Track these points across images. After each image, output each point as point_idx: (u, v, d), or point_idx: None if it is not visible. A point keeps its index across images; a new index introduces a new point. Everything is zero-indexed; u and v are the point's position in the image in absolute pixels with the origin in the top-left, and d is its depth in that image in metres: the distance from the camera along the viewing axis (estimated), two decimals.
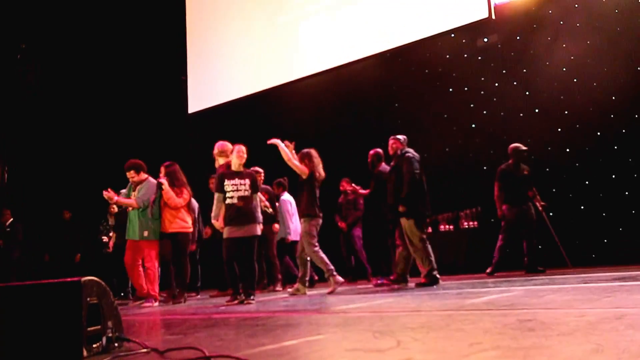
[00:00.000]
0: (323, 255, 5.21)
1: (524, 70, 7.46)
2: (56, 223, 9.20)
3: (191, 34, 10.42)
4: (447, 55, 8.17)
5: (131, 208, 5.65)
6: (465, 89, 7.98)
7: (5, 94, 10.53)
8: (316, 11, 8.58)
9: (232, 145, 5.11)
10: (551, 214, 6.42)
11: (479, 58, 7.95)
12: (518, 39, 7.62)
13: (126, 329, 2.22)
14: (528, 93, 7.39)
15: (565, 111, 7.06)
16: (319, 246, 5.28)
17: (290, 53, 8.81)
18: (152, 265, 5.57)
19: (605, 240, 6.57)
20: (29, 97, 10.81)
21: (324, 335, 2.15)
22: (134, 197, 5.62)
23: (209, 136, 6.34)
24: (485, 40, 7.88)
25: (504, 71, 7.66)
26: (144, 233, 5.54)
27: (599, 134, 6.83)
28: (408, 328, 2.09)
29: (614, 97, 6.70)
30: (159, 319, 3.79)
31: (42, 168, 10.48)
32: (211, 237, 6.66)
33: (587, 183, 6.85)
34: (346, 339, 1.99)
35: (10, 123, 10.60)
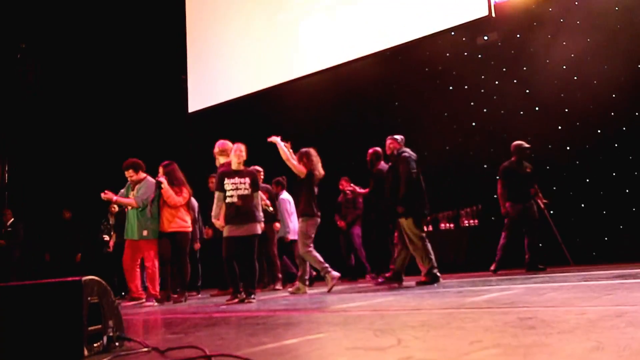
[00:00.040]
0: (316, 254, 5.20)
1: (524, 68, 7.46)
2: (56, 223, 9.20)
3: (191, 33, 10.41)
4: (447, 54, 8.17)
5: (130, 207, 5.64)
6: (465, 87, 7.98)
7: (5, 93, 10.53)
8: (316, 10, 8.57)
9: (233, 144, 5.11)
10: (552, 212, 6.41)
11: (479, 56, 7.95)
12: (518, 37, 7.62)
13: (127, 328, 2.22)
14: (528, 91, 7.39)
15: (566, 109, 7.05)
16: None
17: (290, 52, 8.80)
18: (152, 264, 5.56)
19: (606, 238, 6.58)
20: (29, 97, 10.81)
21: (324, 333, 2.15)
22: (133, 197, 5.61)
23: (209, 135, 6.33)
24: (485, 38, 7.88)
25: (504, 69, 7.66)
26: (143, 232, 5.52)
27: (599, 131, 6.82)
28: (408, 326, 2.09)
29: (614, 95, 6.69)
30: (159, 318, 3.79)
31: (43, 168, 10.48)
32: (212, 236, 6.67)
33: (588, 181, 6.85)
34: (347, 338, 1.99)
35: (10, 123, 10.60)
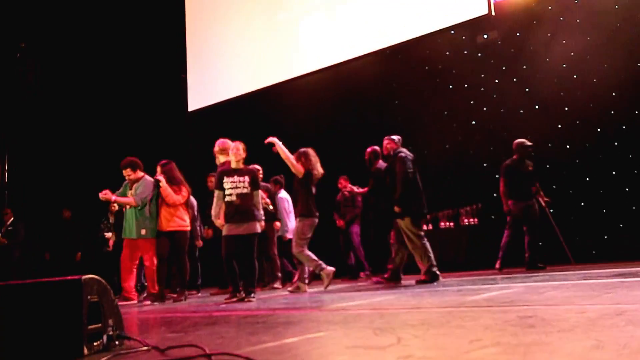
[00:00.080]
0: (309, 253, 5.19)
1: (524, 67, 7.45)
2: (56, 222, 9.20)
3: (191, 32, 10.41)
4: (447, 52, 8.16)
5: (129, 206, 5.62)
6: (465, 86, 7.97)
7: (5, 93, 10.53)
8: (315, 8, 8.56)
9: (233, 142, 5.09)
10: (552, 211, 6.41)
11: (479, 55, 7.94)
12: (518, 35, 7.61)
13: (127, 327, 2.22)
14: (528, 90, 7.38)
15: (566, 107, 7.05)
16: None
17: (290, 51, 8.80)
18: (152, 263, 5.55)
19: (606, 236, 6.58)
20: (29, 97, 10.80)
21: (324, 332, 2.15)
22: (131, 196, 5.58)
23: (209, 134, 6.34)
24: (485, 36, 7.88)
25: (503, 68, 7.66)
26: (141, 231, 5.50)
27: (599, 130, 6.82)
28: (408, 325, 2.09)
29: (614, 94, 6.69)
30: (159, 316, 3.79)
31: (42, 167, 10.48)
32: (212, 236, 6.67)
33: (588, 179, 6.85)
34: (346, 336, 1.99)
35: (10, 122, 10.60)
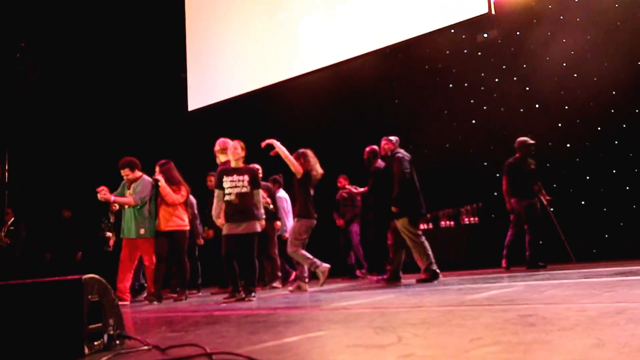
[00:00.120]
0: (303, 252, 5.18)
1: (524, 66, 7.45)
2: (56, 222, 9.20)
3: (191, 31, 10.40)
4: (447, 51, 8.16)
5: (128, 206, 5.59)
6: (465, 85, 7.97)
7: (5, 93, 10.53)
8: (315, 8, 8.56)
9: (232, 142, 5.08)
10: (552, 210, 6.41)
11: (479, 54, 7.94)
12: (518, 34, 7.61)
13: (127, 327, 2.22)
14: (528, 88, 7.38)
15: (566, 106, 7.05)
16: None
17: (290, 50, 8.79)
18: (151, 263, 5.54)
19: (606, 235, 6.58)
20: (29, 97, 10.80)
21: (325, 331, 2.15)
22: (130, 195, 5.55)
23: (209, 134, 6.33)
24: (485, 35, 7.87)
25: (504, 67, 7.65)
26: (140, 231, 5.47)
27: (599, 129, 6.82)
28: (409, 324, 2.09)
29: (614, 92, 6.69)
30: (160, 316, 3.79)
31: (42, 167, 10.48)
32: (213, 236, 6.66)
33: (588, 178, 6.85)
34: (347, 335, 1.99)
35: (10, 122, 10.60)
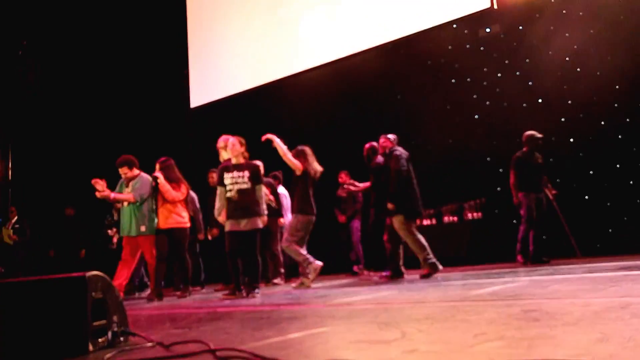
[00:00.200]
0: (297, 247, 5.18)
1: (527, 60, 7.41)
2: (60, 220, 9.23)
3: (192, 28, 10.40)
4: (449, 46, 8.12)
5: (127, 203, 5.57)
6: (468, 80, 7.94)
7: (7, 92, 10.55)
8: (317, 4, 8.53)
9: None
10: (556, 204, 6.39)
11: (481, 49, 7.90)
12: (520, 28, 7.57)
13: (131, 323, 2.23)
14: (531, 83, 7.34)
15: (569, 101, 7.01)
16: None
17: (291, 46, 8.78)
18: (154, 259, 5.53)
19: (610, 229, 6.55)
20: (30, 96, 10.82)
21: (328, 327, 2.15)
22: (129, 192, 5.53)
23: (211, 130, 6.33)
24: (487, 30, 7.83)
25: (506, 61, 7.61)
26: (141, 228, 5.46)
27: (602, 123, 6.79)
28: (413, 319, 2.09)
29: (617, 86, 6.65)
30: (163, 313, 3.80)
31: (45, 165, 10.50)
32: (217, 235, 6.65)
33: (592, 173, 6.82)
34: (351, 331, 2.00)
35: (13, 121, 10.62)
